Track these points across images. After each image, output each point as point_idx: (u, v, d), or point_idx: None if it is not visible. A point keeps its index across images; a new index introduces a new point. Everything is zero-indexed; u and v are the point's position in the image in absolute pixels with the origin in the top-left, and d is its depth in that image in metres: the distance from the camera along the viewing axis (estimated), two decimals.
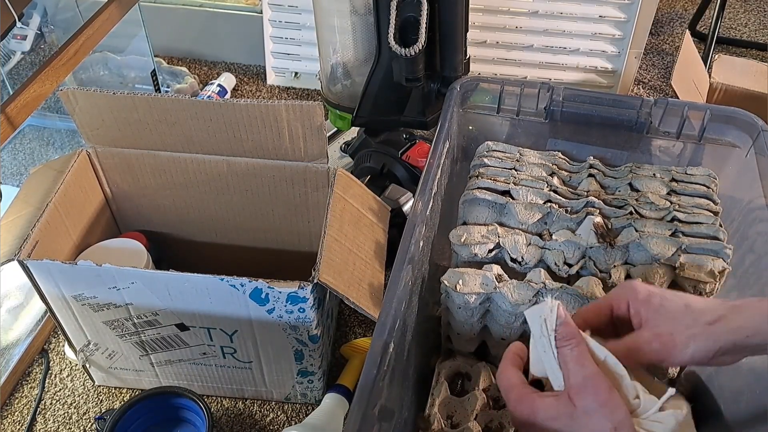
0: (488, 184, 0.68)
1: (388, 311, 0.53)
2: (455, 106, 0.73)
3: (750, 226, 0.66)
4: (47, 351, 0.87)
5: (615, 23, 1.22)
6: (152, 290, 0.67)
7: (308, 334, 0.70)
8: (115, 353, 0.77)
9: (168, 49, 1.40)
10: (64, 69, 0.84)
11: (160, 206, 0.85)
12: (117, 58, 1.23)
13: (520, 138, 0.76)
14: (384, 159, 0.96)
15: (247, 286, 0.65)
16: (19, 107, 0.77)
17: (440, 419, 0.62)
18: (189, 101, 0.73)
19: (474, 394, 0.63)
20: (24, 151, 1.17)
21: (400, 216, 0.88)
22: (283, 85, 1.35)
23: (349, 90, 0.96)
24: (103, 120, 0.75)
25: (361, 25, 0.89)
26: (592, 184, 0.69)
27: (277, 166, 0.78)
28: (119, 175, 0.82)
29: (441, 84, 0.88)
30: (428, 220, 0.63)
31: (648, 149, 0.73)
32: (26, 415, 0.80)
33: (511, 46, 1.26)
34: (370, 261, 0.70)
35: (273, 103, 0.71)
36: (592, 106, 0.72)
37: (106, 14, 0.92)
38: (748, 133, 0.68)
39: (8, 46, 1.15)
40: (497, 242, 0.64)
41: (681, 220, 0.65)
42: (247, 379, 0.79)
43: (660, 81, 1.37)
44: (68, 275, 0.67)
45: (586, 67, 1.26)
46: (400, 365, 0.56)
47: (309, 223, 0.84)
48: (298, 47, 1.31)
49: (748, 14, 1.62)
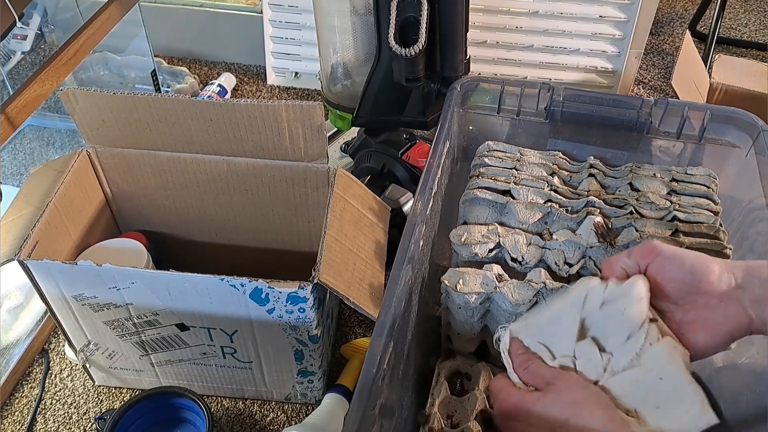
0: (489, 184, 0.68)
1: (388, 311, 0.53)
2: (455, 106, 0.73)
3: (750, 226, 0.66)
4: (47, 351, 0.87)
5: (615, 23, 1.22)
6: (152, 290, 0.67)
7: (308, 334, 0.70)
8: (115, 353, 0.77)
9: (168, 49, 1.40)
10: (64, 69, 0.84)
11: (160, 206, 0.85)
12: (117, 58, 1.23)
13: (521, 138, 0.76)
14: (384, 159, 0.96)
15: (247, 286, 0.65)
16: (19, 107, 0.77)
17: (440, 419, 0.62)
18: (189, 101, 0.73)
19: (474, 393, 0.63)
20: (24, 151, 1.17)
21: (400, 216, 0.88)
22: (284, 85, 1.35)
23: (350, 90, 0.96)
24: (104, 120, 0.75)
25: (361, 25, 0.89)
26: (592, 184, 0.69)
27: (277, 166, 0.78)
28: (119, 175, 0.82)
29: (441, 84, 0.88)
30: (428, 220, 0.63)
31: (648, 149, 0.73)
32: (26, 414, 0.80)
33: (511, 46, 1.26)
34: (370, 261, 0.70)
35: (273, 103, 0.71)
36: (592, 106, 0.72)
37: (107, 14, 0.92)
38: (748, 133, 0.68)
39: (8, 46, 1.15)
40: (497, 242, 0.64)
41: (681, 219, 0.65)
42: (247, 379, 0.78)
43: (660, 81, 1.37)
44: (68, 275, 0.67)
45: (586, 67, 1.26)
46: (400, 365, 0.56)
47: (309, 223, 0.84)
48: (298, 47, 1.31)
49: (749, 14, 1.62)
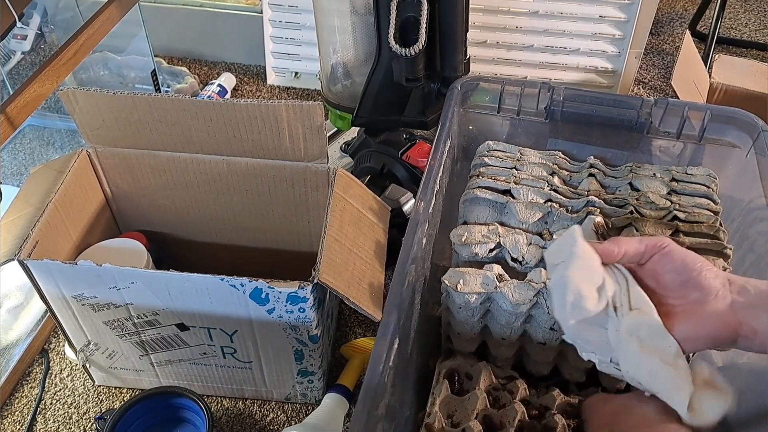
0: (489, 184, 0.68)
1: (392, 310, 0.53)
2: (456, 106, 0.73)
3: (750, 226, 0.66)
4: (47, 351, 0.87)
5: (615, 23, 1.22)
6: (152, 290, 0.67)
7: (308, 334, 0.70)
8: (115, 353, 0.77)
9: (168, 49, 1.40)
10: (64, 69, 0.84)
11: (160, 206, 0.85)
12: (117, 58, 1.23)
13: (521, 138, 0.76)
14: (384, 159, 0.96)
15: (247, 286, 0.65)
16: (19, 107, 0.77)
17: (441, 418, 0.62)
18: (189, 101, 0.73)
19: (474, 393, 0.63)
20: (24, 151, 1.17)
21: (400, 216, 0.88)
22: (284, 85, 1.35)
23: (349, 90, 0.96)
24: (104, 120, 0.75)
25: (361, 25, 0.88)
26: (592, 184, 0.69)
27: (277, 166, 0.78)
28: (119, 175, 0.82)
29: (441, 84, 0.88)
30: (430, 219, 0.63)
31: (648, 149, 0.73)
32: (26, 414, 0.80)
33: (511, 46, 1.26)
34: (370, 261, 0.70)
35: (273, 103, 0.71)
36: (592, 106, 0.72)
37: (107, 14, 0.92)
38: (748, 133, 0.68)
39: (8, 46, 1.15)
40: (498, 242, 0.64)
41: (681, 219, 0.65)
42: (247, 379, 0.78)
43: (660, 81, 1.37)
44: (68, 275, 0.67)
45: (586, 67, 1.26)
46: (402, 364, 0.56)
47: (309, 223, 0.84)
48: (298, 47, 1.31)
49: (749, 14, 1.62)
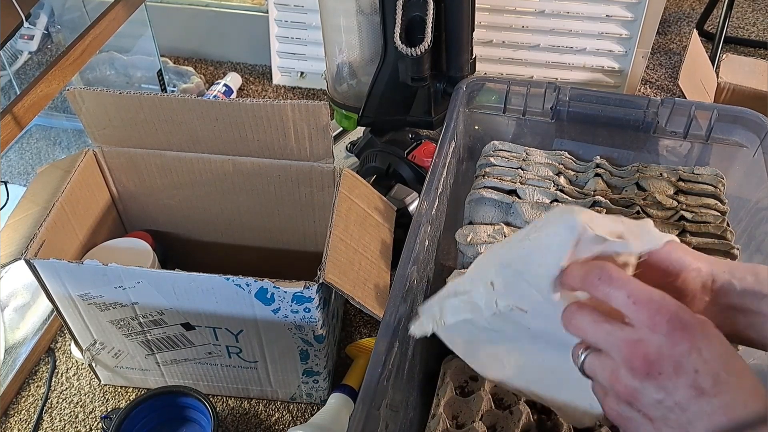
0: (494, 184, 0.68)
1: (394, 311, 0.52)
2: (461, 106, 0.73)
3: (757, 227, 0.65)
4: (54, 350, 0.87)
5: (622, 22, 1.21)
6: (158, 290, 0.67)
7: (313, 334, 0.70)
8: (121, 352, 0.77)
9: (174, 49, 1.41)
10: (70, 69, 0.84)
11: (166, 206, 0.85)
12: (123, 57, 1.23)
13: (527, 138, 0.76)
14: (390, 159, 0.96)
15: (253, 285, 0.65)
16: (26, 107, 0.77)
17: (446, 419, 0.62)
18: (195, 101, 0.73)
19: (479, 394, 0.63)
20: (31, 151, 1.18)
21: (405, 216, 0.88)
22: (289, 85, 1.35)
23: (355, 90, 0.96)
24: (110, 120, 0.76)
25: (367, 24, 0.88)
26: (598, 184, 0.69)
27: (282, 166, 0.78)
28: (125, 174, 0.82)
29: (447, 84, 0.88)
30: (434, 220, 0.63)
31: (655, 149, 0.73)
32: (33, 413, 0.81)
33: (517, 46, 1.26)
34: (375, 261, 0.70)
35: (279, 103, 0.71)
36: (598, 105, 0.72)
37: (113, 14, 0.92)
38: (755, 133, 0.68)
39: (15, 46, 1.15)
40: None
41: (688, 219, 0.64)
42: (253, 379, 0.79)
43: (667, 81, 1.37)
44: (75, 274, 0.67)
45: (592, 66, 1.26)
46: (405, 365, 0.56)
47: (314, 223, 0.84)
48: (304, 47, 1.31)
49: (756, 14, 1.61)
